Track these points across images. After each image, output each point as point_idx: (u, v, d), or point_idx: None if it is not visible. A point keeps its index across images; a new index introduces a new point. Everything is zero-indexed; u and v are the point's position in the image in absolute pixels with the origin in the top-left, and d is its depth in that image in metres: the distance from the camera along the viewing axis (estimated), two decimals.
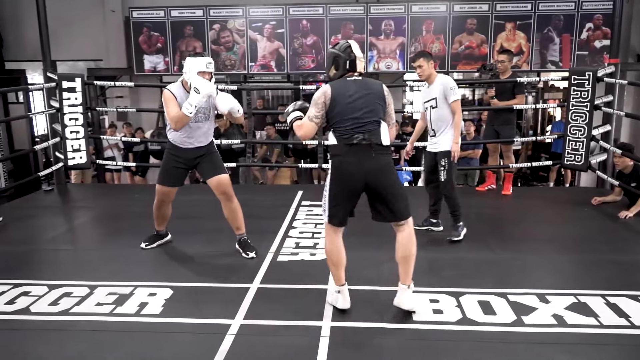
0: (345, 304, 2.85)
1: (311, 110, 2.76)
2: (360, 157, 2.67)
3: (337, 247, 2.84)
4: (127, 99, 9.85)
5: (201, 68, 3.41)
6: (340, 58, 2.77)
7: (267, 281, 3.30)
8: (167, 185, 3.65)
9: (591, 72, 5.20)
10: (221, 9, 8.69)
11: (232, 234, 3.96)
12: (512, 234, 4.20)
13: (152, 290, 3.14)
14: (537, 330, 2.68)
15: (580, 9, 8.35)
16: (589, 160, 5.37)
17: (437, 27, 8.54)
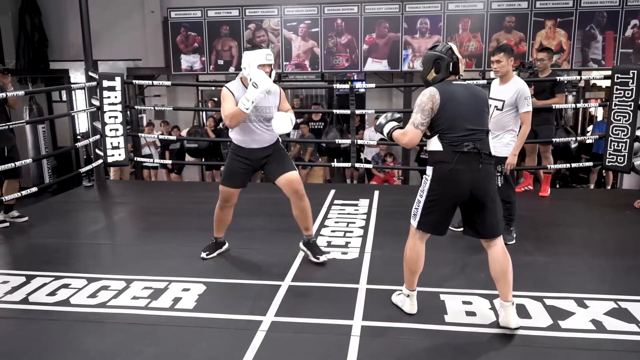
0: (412, 309, 2.82)
1: (417, 116, 2.60)
2: (470, 166, 2.55)
3: (418, 254, 2.74)
4: (165, 98, 10.05)
5: (261, 60, 3.25)
6: (442, 60, 2.63)
7: (298, 279, 3.31)
8: (231, 186, 3.49)
9: (636, 71, 5.01)
10: (257, 8, 8.76)
11: (265, 231, 4.00)
12: (549, 236, 4.10)
13: (186, 285, 3.20)
14: (575, 335, 2.61)
15: (625, 5, 8.05)
16: (632, 162, 5.18)
17: (474, 25, 8.38)
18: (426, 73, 2.71)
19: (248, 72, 3.27)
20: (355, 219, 4.55)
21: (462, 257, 3.54)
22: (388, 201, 5.13)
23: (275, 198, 3.57)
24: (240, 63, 8.70)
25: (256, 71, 3.22)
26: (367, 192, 5.51)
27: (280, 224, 4.35)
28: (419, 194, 2.71)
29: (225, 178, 3.52)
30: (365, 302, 2.97)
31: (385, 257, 3.67)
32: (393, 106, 9.29)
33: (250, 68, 3.25)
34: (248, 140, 3.43)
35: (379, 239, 4.03)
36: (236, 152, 3.49)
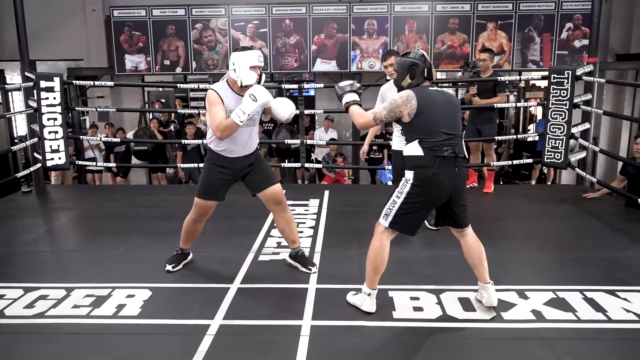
0: (372, 307, 2.82)
1: (383, 112, 2.66)
2: (449, 169, 2.63)
3: (385, 253, 2.77)
4: (109, 99, 9.74)
5: (253, 62, 3.03)
6: (417, 67, 2.69)
7: (247, 281, 3.27)
8: (210, 199, 3.24)
9: (570, 71, 5.25)
10: (203, 8, 8.63)
11: (214, 235, 3.93)
12: (492, 231, 4.22)
13: (131, 291, 3.10)
14: (516, 326, 2.70)
15: (560, 9, 8.45)
16: (568, 158, 5.42)
17: (420, 27, 8.57)
18: (401, 79, 2.74)
19: (238, 74, 3.04)
20: (306, 219, 4.55)
21: (409, 254, 3.60)
22: (338, 201, 5.16)
23: (226, 200, 3.49)
24: (187, 63, 8.51)
25: (248, 73, 3.03)
26: (317, 192, 5.52)
27: (229, 227, 4.30)
28: (395, 195, 2.71)
29: (204, 191, 3.23)
30: (315, 302, 2.97)
31: (335, 256, 3.68)
32: (342, 106, 9.33)
33: (242, 70, 3.03)
34: (233, 148, 3.18)
35: (329, 239, 4.04)
36: (216, 161, 3.21)
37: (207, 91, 3.12)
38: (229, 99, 3.08)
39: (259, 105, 2.95)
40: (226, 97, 3.07)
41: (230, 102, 3.07)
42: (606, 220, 4.50)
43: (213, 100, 3.05)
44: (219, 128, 3.00)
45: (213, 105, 3.05)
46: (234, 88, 3.11)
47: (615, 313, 2.79)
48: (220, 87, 3.10)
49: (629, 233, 4.16)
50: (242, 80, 3.04)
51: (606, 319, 2.74)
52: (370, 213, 4.64)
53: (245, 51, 3.06)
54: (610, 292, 3.02)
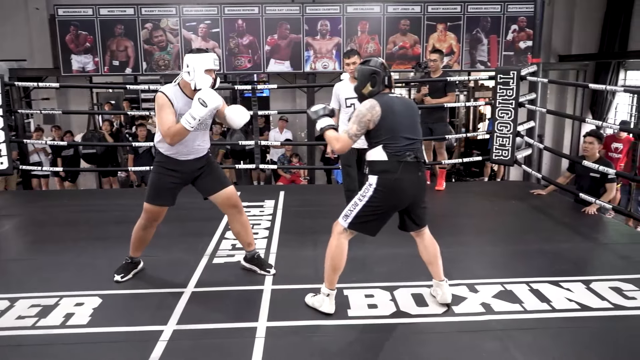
0: (331, 308, 2.82)
1: (353, 127, 2.67)
2: (412, 174, 2.68)
3: (344, 253, 2.78)
4: (54, 101, 9.38)
5: (208, 65, 2.95)
6: (378, 75, 2.74)
7: (202, 284, 3.23)
8: (161, 204, 3.13)
9: (515, 71, 5.45)
10: (153, 7, 8.46)
11: (166, 239, 3.87)
12: (444, 227, 4.32)
13: (79, 299, 3.00)
14: (467, 319, 2.78)
15: (505, 11, 8.75)
16: (515, 155, 5.62)
17: (372, 28, 8.69)
18: (362, 87, 2.78)
19: (192, 77, 2.94)
20: (261, 220, 4.53)
21: (364, 253, 3.63)
22: (293, 201, 5.16)
23: (179, 203, 3.42)
24: (137, 64, 8.33)
25: (203, 76, 2.93)
26: (272, 193, 5.50)
27: (182, 230, 4.23)
28: (357, 198, 2.73)
29: (153, 195, 3.11)
30: (271, 303, 2.97)
31: (290, 256, 3.69)
32: (297, 107, 9.37)
33: (196, 73, 2.93)
34: (184, 151, 3.08)
35: (284, 239, 4.04)
36: (165, 164, 3.10)
37: (156, 94, 3.00)
38: (179, 102, 2.98)
39: (209, 110, 2.88)
40: (176, 100, 2.98)
41: (180, 106, 2.97)
42: (551, 214, 4.69)
43: (162, 104, 2.95)
44: (169, 133, 2.91)
45: (162, 109, 2.94)
46: (186, 91, 3.01)
47: (558, 303, 2.92)
48: (170, 90, 3.00)
49: (572, 226, 4.35)
50: (195, 83, 2.94)
51: (550, 308, 2.86)
52: (326, 213, 4.70)
53: (200, 53, 2.97)
54: (554, 283, 3.15)
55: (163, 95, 2.96)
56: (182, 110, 2.96)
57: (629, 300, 2.94)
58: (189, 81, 2.97)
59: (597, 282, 3.16)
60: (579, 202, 4.81)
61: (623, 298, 2.96)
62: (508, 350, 2.47)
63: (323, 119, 2.82)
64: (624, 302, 2.92)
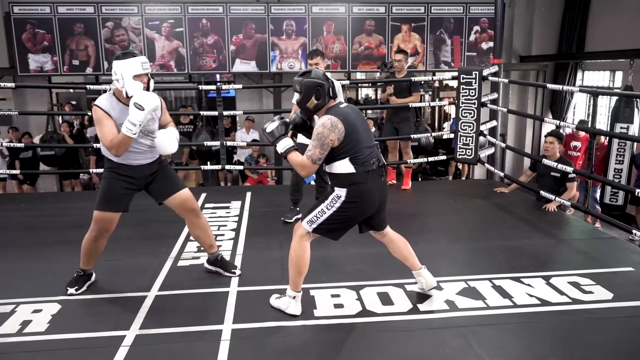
0: (298, 310, 2.80)
1: (316, 151, 2.58)
2: (378, 181, 2.69)
3: (307, 255, 2.77)
4: (11, 102, 9.06)
5: (137, 70, 2.83)
6: (322, 87, 2.65)
7: (166, 288, 3.17)
8: (112, 210, 2.98)
9: (477, 72, 5.55)
10: (114, 5, 8.28)
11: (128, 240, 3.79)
12: (410, 226, 4.36)
13: (37, 306, 2.91)
14: (431, 317, 2.81)
15: (468, 12, 8.92)
16: (478, 154, 5.73)
17: (338, 28, 8.72)
18: (306, 101, 2.67)
19: (122, 85, 2.84)
20: (227, 221, 4.49)
21: (331, 253, 3.63)
22: (260, 202, 5.13)
23: (138, 205, 3.35)
24: (98, 63, 8.17)
25: (132, 83, 2.83)
26: (239, 193, 5.45)
27: (145, 232, 4.15)
28: (324, 206, 2.67)
29: (104, 202, 2.97)
30: (237, 305, 2.94)
31: (256, 258, 3.66)
32: (264, 107, 9.33)
33: (125, 80, 2.83)
34: (133, 157, 2.99)
35: (251, 240, 4.01)
36: (117, 170, 2.99)
37: (93, 108, 2.91)
38: (116, 111, 2.88)
39: (147, 112, 2.79)
40: (113, 110, 2.88)
41: (118, 115, 2.88)
42: (513, 212, 4.80)
43: (99, 117, 2.86)
44: (113, 145, 2.83)
45: (100, 122, 2.86)
46: (121, 99, 2.91)
47: (520, 298, 2.98)
48: (104, 101, 2.89)
49: (533, 224, 4.46)
50: (126, 90, 2.85)
51: (512, 304, 2.92)
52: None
53: (127, 59, 2.85)
54: (516, 279, 3.22)
55: (98, 108, 2.87)
56: (120, 120, 2.86)
57: (586, 295, 3.03)
58: (120, 89, 2.88)
59: (557, 277, 3.25)
60: (540, 200, 4.94)
61: (581, 292, 3.05)
62: (471, 347, 2.52)
63: (282, 140, 2.69)
64: (581, 296, 3.01)
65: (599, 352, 2.49)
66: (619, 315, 2.82)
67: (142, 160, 3.03)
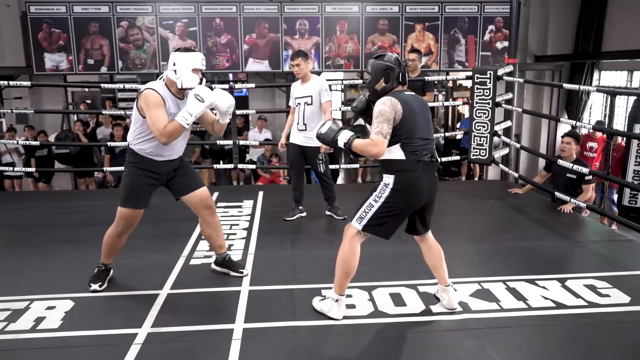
0: (339, 314, 2.74)
1: (383, 126, 2.52)
2: (429, 174, 2.63)
3: (356, 257, 2.71)
4: (27, 100, 9.16)
5: (197, 64, 2.88)
6: (393, 71, 2.63)
7: (178, 286, 3.18)
8: (138, 207, 3.02)
9: (492, 71, 5.50)
10: (129, 5, 8.33)
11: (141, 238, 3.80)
12: None
13: (51, 303, 2.93)
14: (444, 318, 2.78)
15: (482, 12, 8.83)
16: (492, 155, 5.67)
17: (351, 27, 8.69)
18: (375, 82, 2.66)
19: (179, 76, 2.87)
20: (239, 220, 4.49)
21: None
22: (272, 201, 5.13)
23: (156, 204, 3.34)
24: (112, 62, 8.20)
25: (190, 75, 2.86)
26: (251, 193, 5.45)
27: (157, 230, 4.17)
28: (372, 199, 2.63)
29: (130, 198, 2.99)
30: (248, 304, 2.93)
31: (268, 257, 3.65)
32: (276, 106, 9.33)
33: (183, 72, 2.86)
34: (161, 152, 2.98)
35: (263, 240, 4.01)
36: (141, 165, 2.99)
37: (145, 91, 2.87)
38: (168, 100, 2.91)
39: (206, 106, 2.83)
40: (166, 98, 2.90)
41: (171, 106, 2.90)
42: (527, 213, 4.74)
43: (155, 102, 2.84)
44: (165, 133, 2.81)
45: (155, 107, 2.83)
46: (172, 90, 2.95)
47: (534, 301, 2.94)
48: (159, 87, 2.91)
49: (548, 225, 4.41)
50: (182, 82, 2.88)
51: (526, 307, 2.88)
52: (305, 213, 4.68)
53: (188, 52, 2.91)
54: (530, 281, 3.18)
55: (156, 93, 2.86)
56: (170, 109, 2.90)
57: (602, 298, 2.98)
58: (174, 80, 2.90)
59: (572, 280, 3.20)
60: (555, 201, 4.87)
61: (597, 295, 3.00)
62: (484, 349, 2.48)
63: (342, 133, 2.66)
64: (597, 299, 2.96)
65: (614, 356, 2.45)
66: (636, 319, 2.76)
67: (169, 155, 3.03)
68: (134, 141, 3.00)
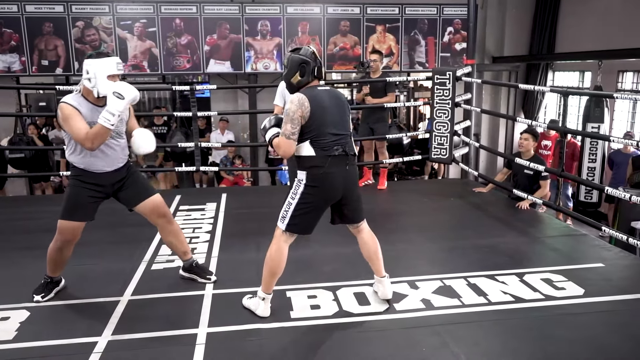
0: (266, 311, 2.78)
1: (287, 127, 2.61)
2: (340, 168, 2.68)
3: (283, 257, 2.75)
4: None
5: (112, 70, 2.80)
6: (308, 65, 2.68)
7: (139, 292, 3.11)
8: (77, 220, 2.89)
9: (451, 72, 5.61)
10: (84, 4, 8.10)
11: (100, 244, 3.72)
12: (386, 226, 4.38)
13: (4, 313, 2.82)
14: (408, 316, 2.82)
15: (442, 13, 9.00)
16: (452, 154, 5.78)
17: (313, 29, 8.71)
18: (291, 75, 2.72)
19: (94, 84, 2.78)
20: (202, 224, 4.43)
21: (308, 253, 3.62)
22: (236, 203, 5.09)
23: (108, 208, 3.27)
24: (68, 64, 7.96)
25: (106, 82, 2.78)
26: (214, 195, 5.39)
27: (118, 236, 4.07)
28: (289, 197, 2.71)
29: (69, 211, 2.88)
30: (212, 308, 2.90)
31: (232, 260, 3.63)
32: (239, 108, 9.27)
33: (98, 80, 2.77)
34: (97, 163, 2.89)
35: (226, 242, 3.97)
36: (82, 178, 2.90)
37: (59, 106, 2.80)
38: (84, 109, 2.81)
39: (127, 102, 2.74)
40: (81, 107, 2.80)
41: (86, 113, 2.80)
42: (488, 210, 4.86)
43: (69, 114, 2.76)
44: (89, 138, 2.73)
45: (71, 118, 2.75)
46: (90, 98, 2.85)
47: (494, 296, 3.02)
48: (72, 100, 2.81)
49: (507, 222, 4.53)
50: (98, 90, 2.79)
51: (487, 302, 2.96)
52: (269, 215, 4.62)
53: (101, 58, 2.81)
54: (490, 277, 3.26)
55: (66, 105, 2.78)
56: (89, 118, 2.80)
57: (558, 291, 3.08)
58: (90, 88, 2.81)
59: (530, 275, 3.30)
60: (514, 198, 5.01)
61: (553, 289, 3.11)
62: (447, 345, 2.53)
63: (270, 130, 2.77)
64: (554, 292, 3.06)
65: (570, 347, 2.53)
66: (590, 311, 2.87)
67: (108, 166, 2.94)
68: (68, 154, 2.93)
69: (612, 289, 3.14)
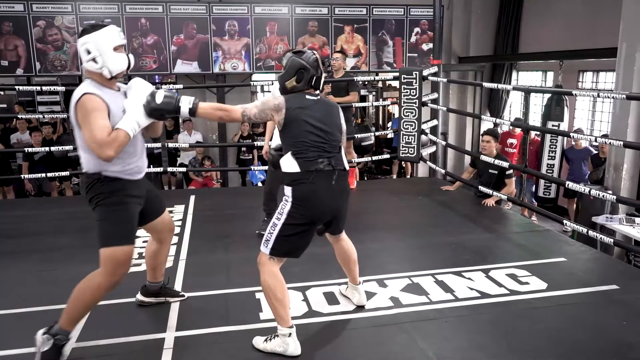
0: (297, 348, 2.43)
1: (252, 109, 2.43)
2: (326, 183, 2.45)
3: (279, 279, 2.46)
4: None
5: (116, 41, 2.33)
6: (307, 72, 2.48)
7: (105, 297, 3.04)
8: (134, 242, 2.44)
9: (417, 72, 5.68)
10: (46, 3, 7.89)
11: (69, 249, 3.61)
12: (355, 225, 4.37)
13: None
14: (377, 314, 2.85)
15: (408, 14, 9.11)
16: (420, 152, 5.86)
17: (281, 29, 8.69)
18: (286, 79, 2.51)
19: (102, 63, 2.29)
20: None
21: None
22: (204, 205, 5.04)
23: (79, 212, 3.19)
24: (29, 64, 7.74)
25: (116, 58, 2.31)
26: (182, 197, 5.33)
27: (84, 240, 3.96)
28: (274, 218, 2.48)
29: (127, 234, 2.39)
30: (180, 312, 2.87)
31: (201, 263, 3.59)
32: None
33: (105, 55, 2.29)
34: (139, 164, 2.46)
35: (195, 245, 3.93)
36: (126, 191, 2.40)
37: (82, 98, 2.25)
38: (108, 97, 2.31)
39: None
40: (106, 96, 2.30)
41: (111, 104, 2.31)
42: (455, 208, 4.94)
43: (96, 107, 2.23)
44: (109, 143, 2.20)
45: (94, 112, 2.22)
46: (105, 83, 2.36)
47: (461, 292, 3.07)
48: (94, 88, 2.29)
49: (474, 219, 4.61)
50: (109, 68, 2.31)
51: (454, 298, 3.01)
52: (239, 216, 4.64)
53: (102, 29, 2.32)
54: (457, 274, 3.32)
55: (94, 96, 2.25)
56: (115, 109, 2.32)
57: (522, 285, 3.15)
58: (97, 70, 2.32)
59: (495, 270, 3.37)
60: (480, 195, 5.11)
61: (517, 283, 3.18)
62: (415, 342, 2.56)
63: (183, 98, 2.37)
64: (518, 287, 3.14)
65: (534, 340, 2.60)
66: (553, 304, 2.95)
67: (143, 167, 2.52)
68: (102, 166, 2.34)
69: (573, 282, 3.23)
